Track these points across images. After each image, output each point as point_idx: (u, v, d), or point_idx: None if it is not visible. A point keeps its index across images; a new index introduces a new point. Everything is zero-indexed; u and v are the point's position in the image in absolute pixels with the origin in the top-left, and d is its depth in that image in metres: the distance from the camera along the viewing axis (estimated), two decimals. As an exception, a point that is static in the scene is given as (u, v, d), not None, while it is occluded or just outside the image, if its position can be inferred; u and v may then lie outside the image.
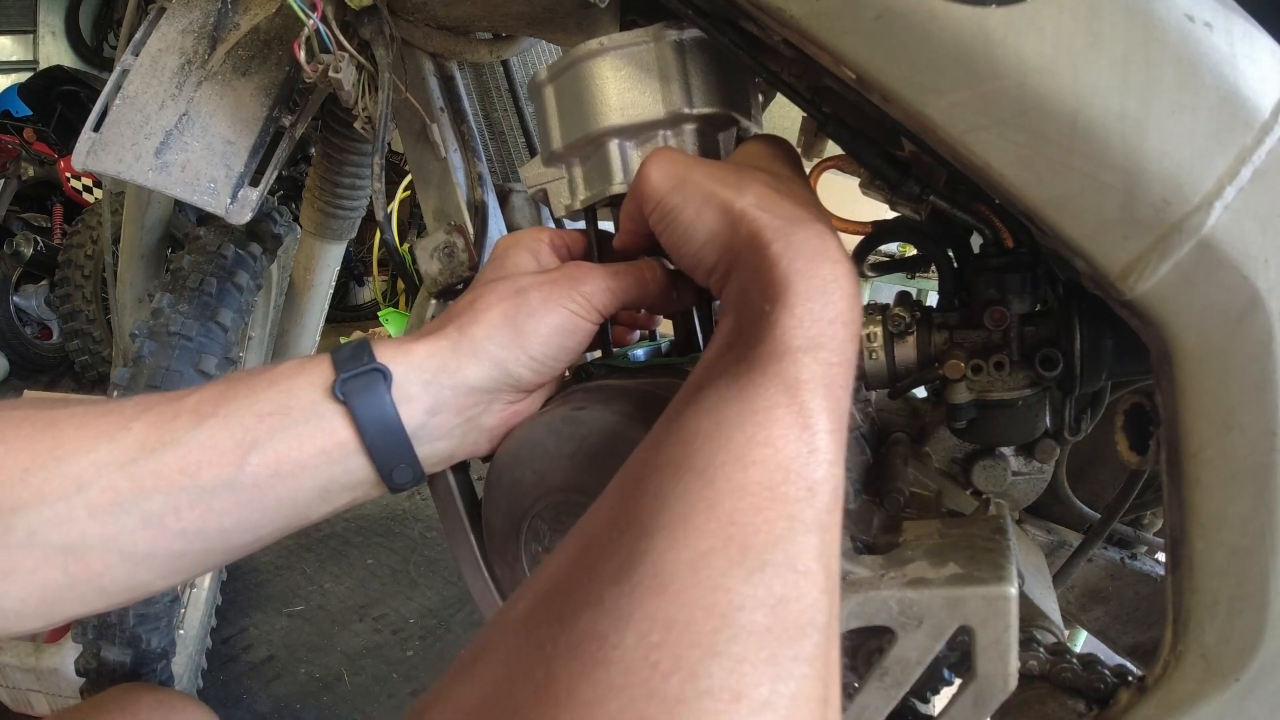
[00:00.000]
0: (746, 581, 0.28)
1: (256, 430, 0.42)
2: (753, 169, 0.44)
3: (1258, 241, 0.35)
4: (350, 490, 0.46)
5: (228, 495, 0.42)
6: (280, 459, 0.42)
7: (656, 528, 0.30)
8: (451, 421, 0.47)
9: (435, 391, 0.46)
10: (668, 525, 0.30)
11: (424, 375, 0.45)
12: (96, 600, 0.42)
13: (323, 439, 0.43)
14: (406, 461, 0.45)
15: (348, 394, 0.44)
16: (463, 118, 0.69)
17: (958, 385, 0.48)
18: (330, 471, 0.44)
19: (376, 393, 0.44)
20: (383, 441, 0.44)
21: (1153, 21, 0.34)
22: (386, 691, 1.54)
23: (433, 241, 0.66)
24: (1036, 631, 0.53)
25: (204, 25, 0.69)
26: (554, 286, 0.47)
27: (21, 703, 1.32)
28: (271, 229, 1.18)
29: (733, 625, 0.27)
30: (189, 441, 0.42)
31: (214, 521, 0.42)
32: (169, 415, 0.42)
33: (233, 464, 0.42)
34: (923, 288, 2.99)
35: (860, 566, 0.46)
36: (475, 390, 0.47)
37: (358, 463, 0.44)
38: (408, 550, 2.03)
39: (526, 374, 0.47)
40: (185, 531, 0.41)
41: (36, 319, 3.13)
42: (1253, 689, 0.41)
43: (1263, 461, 0.37)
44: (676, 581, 0.28)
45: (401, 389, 0.45)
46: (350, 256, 3.74)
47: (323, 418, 0.44)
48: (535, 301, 0.47)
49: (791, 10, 0.38)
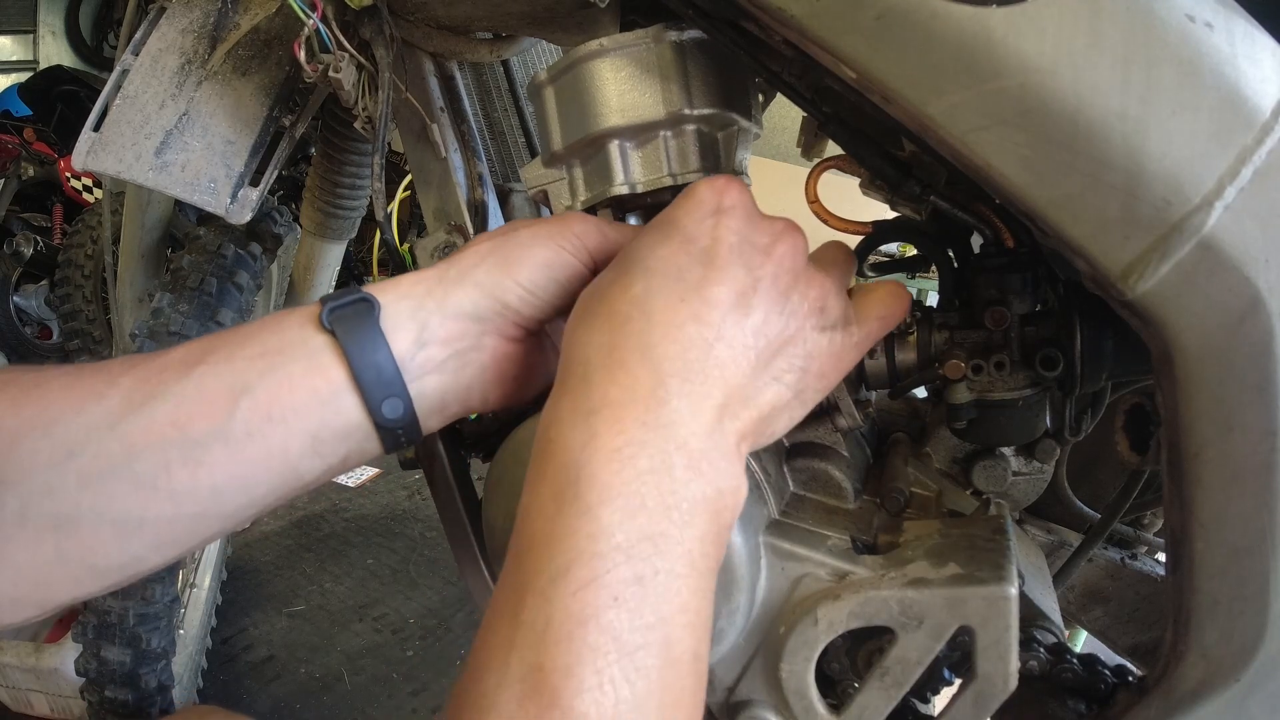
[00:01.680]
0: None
1: (247, 373, 0.42)
2: (614, 264, 0.43)
3: (1258, 241, 0.35)
4: (343, 439, 0.44)
5: (219, 448, 0.41)
6: (272, 401, 0.42)
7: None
8: (441, 354, 0.46)
9: (422, 319, 0.45)
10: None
11: (410, 303, 0.45)
12: (90, 581, 0.41)
13: (313, 376, 0.43)
14: (396, 394, 0.44)
15: (334, 323, 0.43)
16: (463, 118, 0.69)
17: (958, 385, 0.48)
18: (321, 414, 0.43)
19: (363, 320, 0.44)
20: (371, 370, 0.43)
21: (1154, 22, 0.34)
22: (386, 691, 1.54)
23: (433, 241, 0.66)
24: (1037, 631, 0.53)
25: (204, 25, 0.69)
26: (544, 224, 0.47)
27: (21, 703, 1.32)
28: (271, 229, 1.18)
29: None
30: (178, 393, 0.41)
31: (205, 479, 0.41)
32: (156, 369, 0.42)
33: (224, 412, 0.41)
34: (923, 288, 2.99)
35: (860, 566, 0.46)
36: (463, 316, 0.46)
37: (348, 401, 0.43)
38: (408, 550, 2.03)
39: (515, 301, 0.46)
40: (176, 492, 0.41)
41: (36, 319, 3.12)
42: (1253, 689, 0.41)
43: (1263, 461, 0.37)
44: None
45: (389, 319, 0.44)
46: (350, 256, 3.74)
47: (312, 354, 0.43)
48: (524, 235, 0.47)
49: (792, 10, 0.38)
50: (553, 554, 0.34)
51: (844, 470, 0.52)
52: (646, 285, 0.39)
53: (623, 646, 0.32)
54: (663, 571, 0.34)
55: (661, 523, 0.34)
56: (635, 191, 0.52)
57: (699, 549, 0.35)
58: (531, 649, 0.32)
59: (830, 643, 0.45)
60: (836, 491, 0.52)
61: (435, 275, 0.46)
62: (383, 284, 0.46)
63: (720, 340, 0.38)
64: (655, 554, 0.34)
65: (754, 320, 0.39)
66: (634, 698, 0.32)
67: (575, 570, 0.33)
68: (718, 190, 0.42)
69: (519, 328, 0.48)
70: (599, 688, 0.31)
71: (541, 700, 0.31)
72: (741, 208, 0.42)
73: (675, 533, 0.35)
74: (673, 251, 0.40)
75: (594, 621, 0.32)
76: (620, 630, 0.32)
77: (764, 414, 0.40)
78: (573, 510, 0.34)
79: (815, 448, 0.52)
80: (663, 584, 0.34)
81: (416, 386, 0.46)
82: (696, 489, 0.36)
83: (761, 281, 0.40)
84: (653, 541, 0.34)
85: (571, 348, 0.40)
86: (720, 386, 0.38)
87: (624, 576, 0.33)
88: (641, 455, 0.35)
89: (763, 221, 0.43)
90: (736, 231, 0.41)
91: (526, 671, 0.32)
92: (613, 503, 0.34)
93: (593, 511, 0.34)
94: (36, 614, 0.41)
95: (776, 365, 0.41)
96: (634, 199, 0.53)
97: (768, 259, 0.41)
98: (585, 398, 0.37)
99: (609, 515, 0.34)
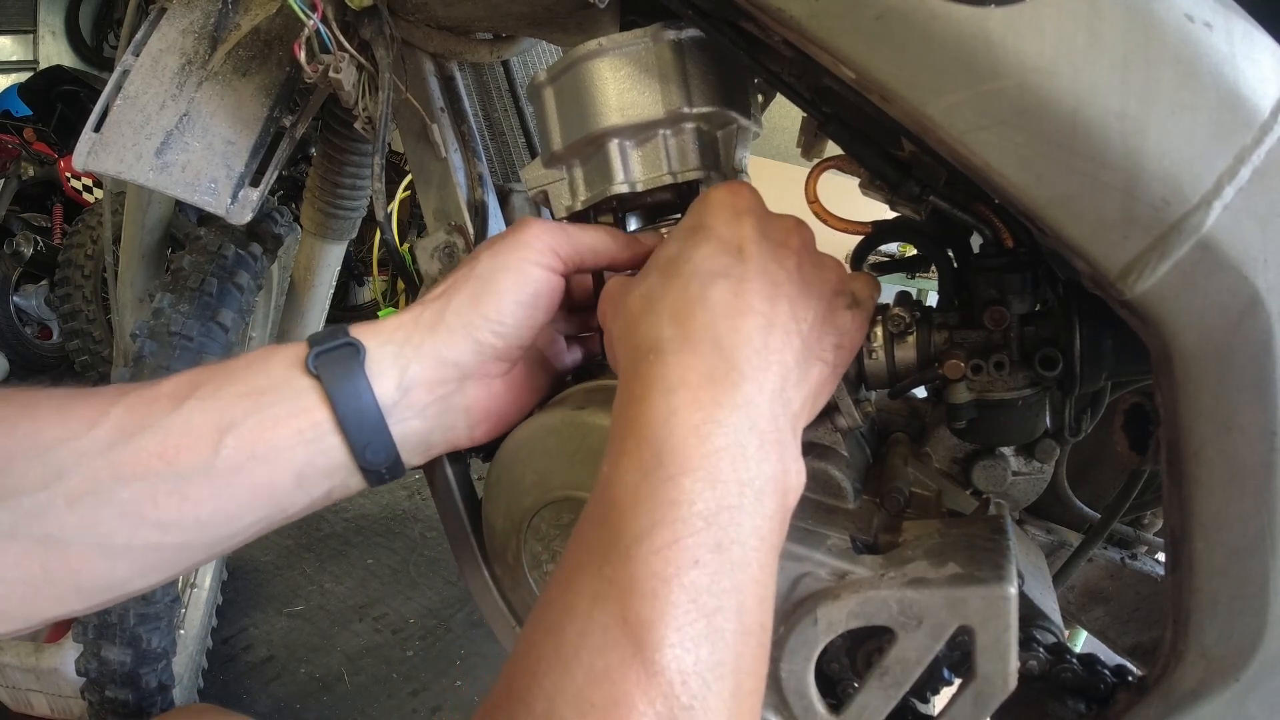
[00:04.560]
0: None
1: (233, 411, 0.43)
2: (653, 265, 0.44)
3: (1257, 241, 0.35)
4: (327, 477, 0.46)
5: (204, 482, 0.42)
6: (256, 440, 0.43)
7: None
8: (425, 398, 0.47)
9: (404, 364, 0.46)
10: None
11: (392, 348, 0.46)
12: (74, 600, 0.42)
13: (298, 418, 0.44)
14: (380, 438, 0.45)
15: (320, 367, 0.44)
16: (463, 118, 0.69)
17: (958, 385, 0.48)
18: (306, 453, 0.44)
19: (348, 366, 0.45)
20: (355, 415, 0.44)
21: (1152, 21, 0.34)
22: (386, 691, 1.54)
23: (433, 241, 0.66)
24: (1036, 631, 0.53)
25: (204, 25, 0.69)
26: (505, 245, 0.48)
27: (21, 703, 1.32)
28: (272, 229, 1.18)
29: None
30: (166, 426, 0.42)
31: (190, 511, 0.42)
32: (146, 400, 0.43)
33: (209, 447, 0.42)
34: (923, 288, 2.99)
35: (860, 566, 0.46)
36: (444, 363, 0.47)
37: (332, 443, 0.45)
38: (408, 550, 2.02)
39: (490, 337, 0.47)
40: (162, 522, 0.41)
41: (36, 319, 3.12)
42: (1253, 689, 0.41)
43: (1263, 461, 0.37)
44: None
45: (374, 363, 0.46)
46: (350, 256, 3.74)
47: (297, 395, 0.44)
48: (485, 266, 0.48)
49: (791, 10, 0.38)
50: (636, 516, 0.35)
51: (844, 470, 0.52)
52: (701, 284, 0.41)
53: (701, 607, 0.33)
54: (738, 542, 0.35)
55: (737, 497, 0.35)
56: (635, 190, 0.52)
57: (767, 525, 0.37)
58: (615, 602, 0.33)
59: (830, 642, 0.45)
60: (836, 491, 0.52)
61: (411, 319, 0.47)
62: (366, 327, 0.47)
63: (773, 328, 0.40)
64: (732, 524, 0.35)
65: (793, 307, 0.42)
66: (711, 658, 0.33)
67: (659, 532, 0.34)
68: (734, 193, 0.45)
69: (498, 363, 0.49)
70: (680, 644, 0.32)
71: (625, 650, 0.32)
72: (758, 208, 0.45)
73: (750, 506, 0.36)
74: (713, 252, 0.42)
75: (676, 580, 0.33)
76: (699, 591, 0.33)
77: (813, 391, 0.43)
78: (656, 478, 0.35)
79: (815, 448, 0.52)
80: (738, 555, 0.35)
81: (400, 429, 0.47)
82: (768, 468, 0.37)
83: (789, 271, 0.43)
84: (730, 513, 0.35)
85: (635, 338, 0.41)
86: (779, 370, 0.40)
87: (704, 541, 0.34)
88: (718, 433, 0.36)
89: (775, 218, 0.45)
90: (758, 229, 0.43)
91: (610, 622, 0.33)
92: (694, 474, 0.35)
93: (675, 480, 0.35)
94: (20, 628, 0.41)
95: (817, 345, 0.43)
96: (634, 198, 0.53)
97: (789, 251, 0.43)
98: (663, 378, 0.38)
99: (690, 484, 0.35)
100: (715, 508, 0.35)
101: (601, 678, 0.31)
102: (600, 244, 0.50)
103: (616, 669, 0.31)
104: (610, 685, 0.31)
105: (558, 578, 0.36)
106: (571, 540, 0.38)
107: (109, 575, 0.42)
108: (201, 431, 0.42)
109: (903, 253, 2.50)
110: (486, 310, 0.47)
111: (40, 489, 0.40)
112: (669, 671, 0.31)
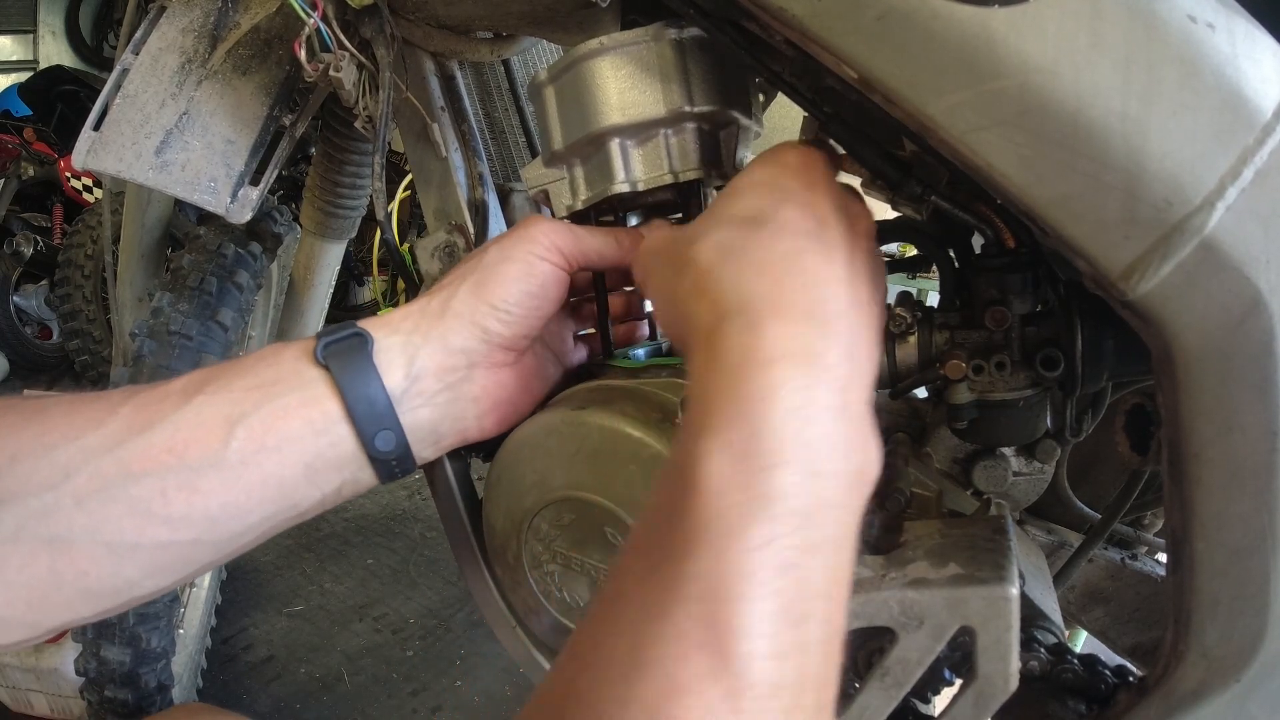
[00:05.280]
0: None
1: (243, 403, 0.43)
2: (725, 216, 0.40)
3: (1260, 242, 0.35)
4: (337, 469, 0.45)
5: (214, 475, 0.42)
6: (266, 430, 0.43)
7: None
8: (433, 386, 0.47)
9: (411, 353, 0.46)
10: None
11: (400, 338, 0.47)
12: (81, 605, 0.41)
13: (308, 408, 0.44)
14: (389, 426, 0.45)
15: (329, 357, 0.44)
16: (463, 117, 0.69)
17: (959, 385, 0.48)
18: (316, 444, 0.44)
19: (357, 355, 0.45)
20: (364, 404, 0.44)
21: (1155, 22, 0.34)
22: (386, 691, 1.54)
23: (433, 241, 0.66)
24: (1037, 632, 0.53)
25: (204, 24, 0.69)
26: (511, 238, 0.49)
27: (21, 703, 1.32)
28: (272, 228, 1.18)
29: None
30: (176, 420, 0.42)
31: (200, 505, 0.42)
32: (156, 398, 0.43)
33: (219, 439, 0.42)
34: (923, 288, 2.99)
35: (861, 567, 0.46)
36: (450, 350, 0.47)
37: (342, 432, 0.45)
38: (408, 550, 2.02)
39: (495, 324, 0.47)
40: (171, 518, 0.41)
41: (36, 319, 3.12)
42: (1253, 689, 0.41)
43: (1264, 462, 0.37)
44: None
45: (382, 353, 0.46)
46: (350, 256, 3.74)
47: (307, 386, 0.44)
48: (492, 255, 0.48)
49: (793, 10, 0.38)
50: (726, 508, 0.31)
51: (844, 470, 0.51)
52: (793, 242, 0.37)
53: (792, 615, 0.30)
54: (829, 542, 0.32)
55: (832, 491, 0.32)
56: (636, 189, 0.52)
57: (853, 521, 0.34)
58: (700, 602, 0.30)
59: (830, 643, 0.45)
60: (837, 491, 0.51)
61: (418, 309, 0.48)
62: (374, 320, 0.47)
63: (858, 306, 0.37)
64: (826, 522, 0.32)
65: (870, 290, 0.40)
66: (798, 672, 0.30)
67: (752, 530, 0.30)
68: (810, 160, 0.43)
69: (505, 352, 0.49)
70: (769, 656, 0.29)
71: (711, 659, 0.29)
72: (833, 180, 0.43)
73: (842, 501, 0.33)
74: (800, 214, 0.39)
75: (770, 585, 0.30)
76: (792, 598, 0.30)
77: (873, 366, 0.39)
78: (750, 467, 0.31)
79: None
80: (829, 555, 0.32)
81: (409, 419, 0.47)
82: (857, 458, 0.34)
83: (862, 254, 0.41)
84: (824, 510, 0.32)
85: (714, 291, 0.36)
86: (865, 351, 0.37)
87: (799, 542, 0.31)
88: (818, 419, 0.32)
89: (847, 197, 0.45)
90: (836, 204, 0.41)
91: (692, 627, 0.29)
92: (792, 465, 0.31)
93: (772, 471, 0.31)
94: (29, 635, 0.41)
95: (876, 314, 0.41)
96: (635, 197, 0.53)
97: (859, 234, 0.42)
98: (757, 348, 0.33)
99: (788, 477, 0.31)
100: (812, 504, 0.31)
101: (683, 690, 0.28)
102: (607, 248, 0.50)
103: (699, 681, 0.28)
104: (692, 698, 0.28)
105: (627, 566, 0.33)
106: (642, 524, 0.34)
107: (117, 576, 0.41)
108: (211, 424, 0.42)
109: (903, 253, 2.50)
110: (492, 297, 0.47)
111: (47, 489, 0.39)
112: (758, 688, 0.29)
